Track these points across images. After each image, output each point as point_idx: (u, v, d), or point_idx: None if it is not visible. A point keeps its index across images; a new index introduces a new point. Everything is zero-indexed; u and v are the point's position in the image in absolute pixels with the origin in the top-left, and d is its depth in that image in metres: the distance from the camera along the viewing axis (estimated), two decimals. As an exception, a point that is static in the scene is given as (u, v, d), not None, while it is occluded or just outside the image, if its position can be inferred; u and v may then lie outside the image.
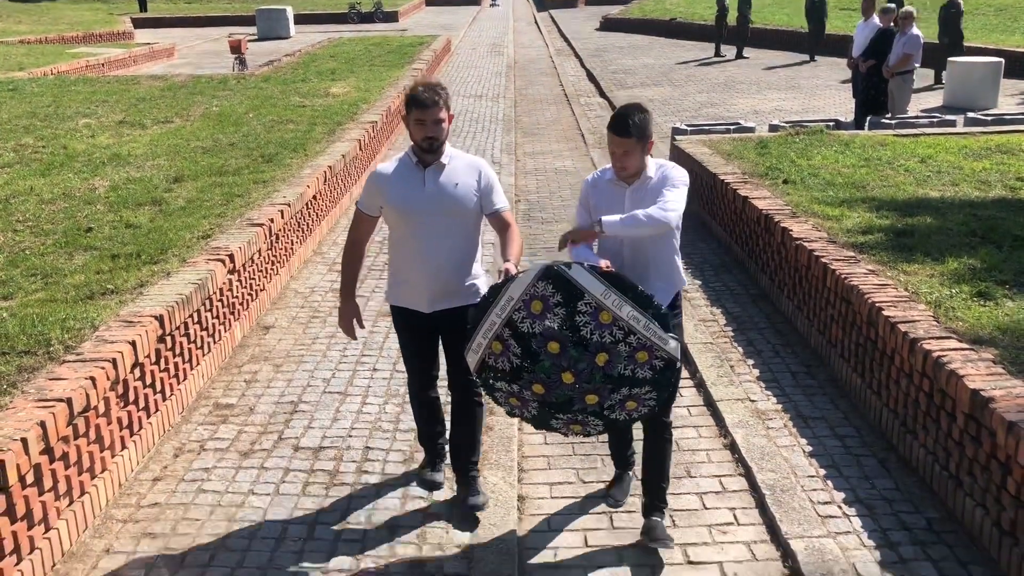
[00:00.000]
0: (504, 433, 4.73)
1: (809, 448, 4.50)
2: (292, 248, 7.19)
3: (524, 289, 3.36)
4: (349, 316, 4.02)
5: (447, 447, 4.16)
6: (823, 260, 5.40)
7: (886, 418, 4.54)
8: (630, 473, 4.17)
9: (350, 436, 4.65)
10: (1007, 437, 3.42)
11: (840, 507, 4.01)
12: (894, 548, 3.70)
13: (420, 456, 4.39)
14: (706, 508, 4.13)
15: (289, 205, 7.00)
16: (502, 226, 3.82)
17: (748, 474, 4.34)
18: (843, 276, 5.09)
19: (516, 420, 4.90)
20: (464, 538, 3.82)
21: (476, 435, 4.06)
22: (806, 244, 5.72)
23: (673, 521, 4.00)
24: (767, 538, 3.89)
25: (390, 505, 4.05)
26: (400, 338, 4.06)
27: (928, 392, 4.09)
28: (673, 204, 3.52)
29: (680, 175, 3.65)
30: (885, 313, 4.53)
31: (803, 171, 7.75)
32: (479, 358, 3.50)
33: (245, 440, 4.65)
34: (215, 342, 5.44)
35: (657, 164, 3.68)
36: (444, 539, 3.82)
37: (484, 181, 3.79)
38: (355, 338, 4.16)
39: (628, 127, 3.50)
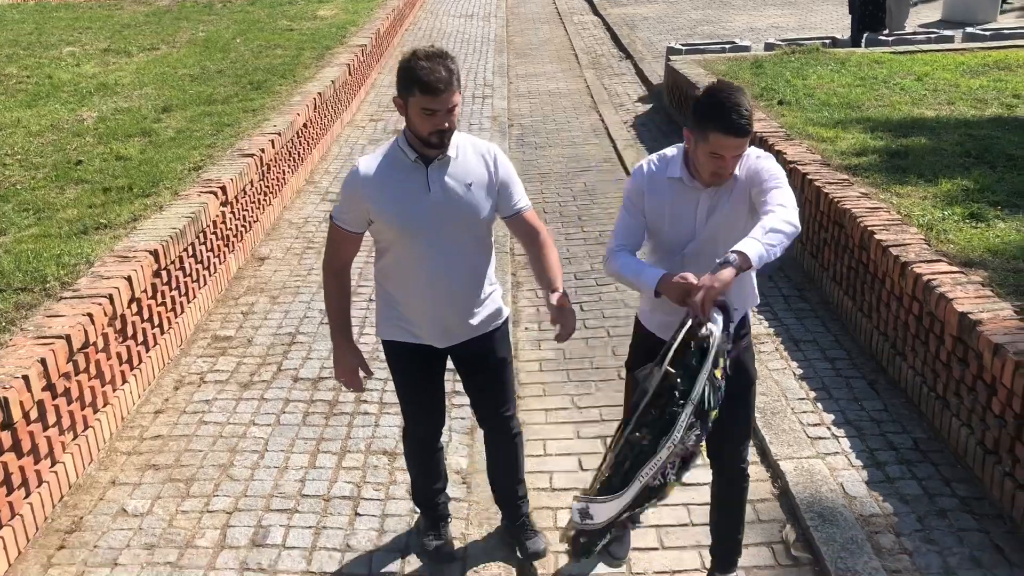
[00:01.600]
0: (500, 361, 4.79)
1: (800, 371, 4.58)
2: (284, 178, 7.15)
3: (720, 343, 2.46)
4: (351, 364, 3.10)
5: (448, 505, 3.48)
6: (816, 183, 5.40)
7: (876, 340, 4.60)
8: (631, 528, 3.32)
9: (348, 366, 4.71)
10: (993, 359, 3.48)
11: (829, 428, 4.09)
12: (881, 467, 3.80)
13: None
14: (698, 431, 4.22)
15: (280, 134, 6.94)
16: (529, 233, 2.99)
17: (740, 397, 4.42)
18: (836, 200, 5.10)
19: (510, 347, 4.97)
20: (463, 464, 3.91)
21: (522, 471, 3.41)
22: (800, 167, 5.70)
23: (666, 444, 4.09)
24: (757, 460, 3.99)
25: (388, 433, 4.13)
26: (401, 379, 3.19)
27: (918, 315, 4.15)
28: (790, 200, 2.59)
29: (775, 166, 2.70)
30: (877, 237, 4.55)
31: (798, 91, 7.67)
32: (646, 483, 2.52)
33: (244, 372, 4.71)
34: (211, 275, 5.46)
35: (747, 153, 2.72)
36: (442, 465, 3.90)
37: (500, 174, 2.91)
38: (361, 390, 3.24)
39: (747, 123, 2.53)
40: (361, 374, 3.15)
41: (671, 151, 2.83)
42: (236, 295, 5.63)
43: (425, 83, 2.64)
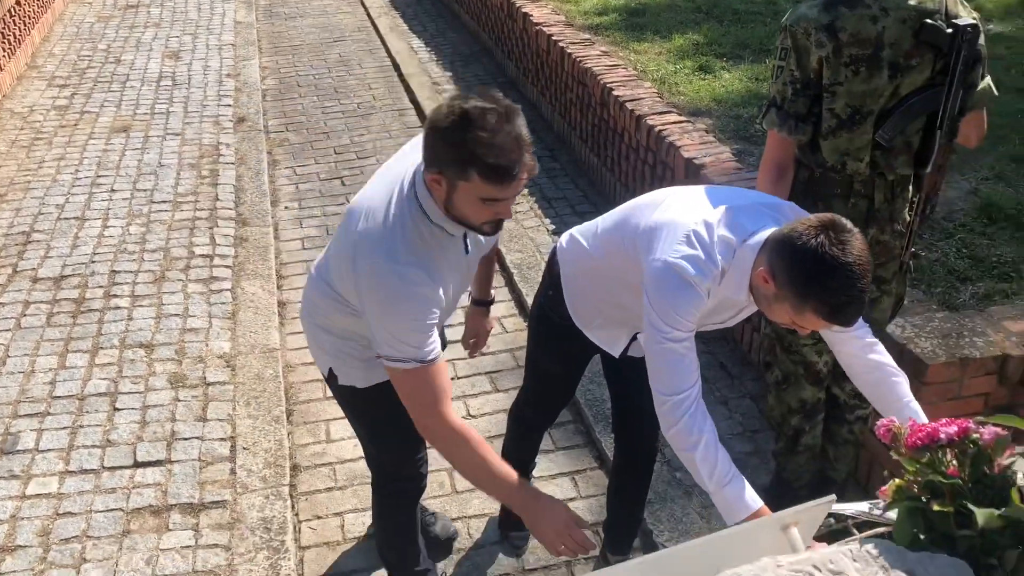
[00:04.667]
0: (260, 242, 4.70)
1: (552, 227, 4.81)
2: None
3: None
4: (564, 516, 1.97)
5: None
6: (560, 44, 5.54)
7: (619, 192, 4.90)
8: None
9: (93, 262, 4.45)
10: (714, 199, 3.82)
11: (579, 277, 4.36)
12: (624, 307, 4.12)
13: (176, 275, 4.29)
14: (460, 292, 4.37)
15: (-13, 14, 6.21)
16: (492, 248, 2.47)
17: (498, 256, 4.59)
18: (578, 59, 5.27)
19: (271, 227, 4.88)
20: (225, 348, 3.87)
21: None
22: (545, 29, 5.81)
23: (430, 307, 4.21)
24: (516, 312, 4.21)
25: (144, 326, 3.99)
26: (392, 413, 2.17)
27: (652, 164, 4.44)
28: None
29: None
30: (615, 93, 4.77)
31: (545, -47, 7.72)
32: None
33: (-25, 277, 4.35)
34: (-79, 176, 4.92)
35: None
36: (203, 351, 3.84)
37: None
38: (592, 546, 2.01)
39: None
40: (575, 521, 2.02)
41: (705, 258, 1.89)
42: (-44, 196, 5.11)
43: (494, 168, 1.78)
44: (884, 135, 2.25)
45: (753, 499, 1.85)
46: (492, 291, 2.68)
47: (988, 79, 2.28)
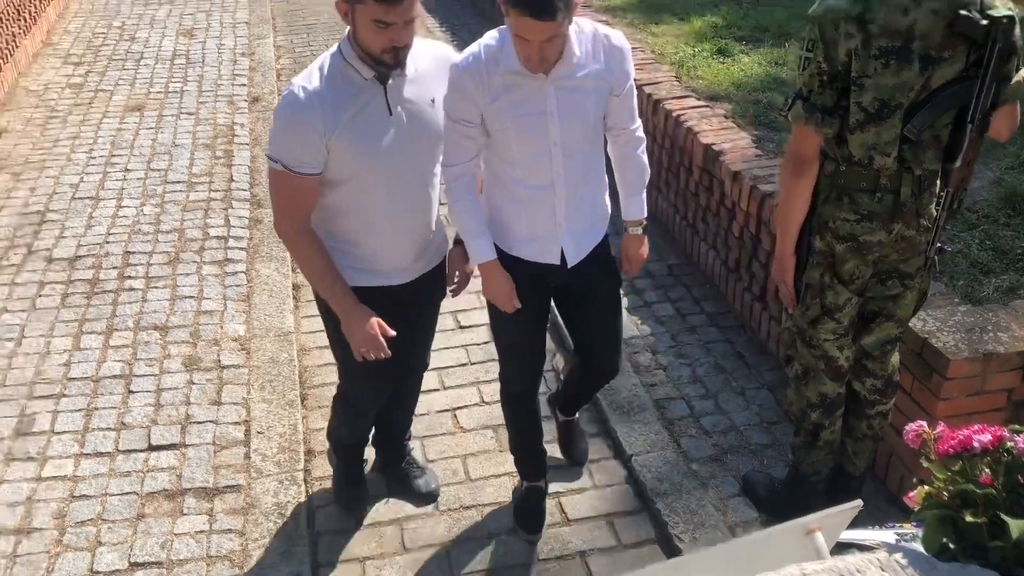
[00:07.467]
0: (274, 224, 4.68)
1: (568, 211, 4.77)
2: (15, 41, 6.42)
3: None
4: (369, 326, 2.32)
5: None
6: (578, 26, 5.47)
7: (636, 177, 4.85)
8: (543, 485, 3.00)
9: (107, 243, 4.45)
10: (732, 185, 3.78)
11: (595, 263, 4.33)
12: (639, 294, 4.09)
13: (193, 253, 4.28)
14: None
15: (2, -10, 6.18)
16: None
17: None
18: (596, 41, 5.21)
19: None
20: (240, 331, 3.86)
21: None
22: (563, 10, 5.74)
23: (444, 292, 4.19)
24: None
25: (158, 308, 3.98)
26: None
27: (669, 150, 4.39)
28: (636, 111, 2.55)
29: (628, 56, 2.39)
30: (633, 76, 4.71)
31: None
32: None
33: (-10, 257, 4.35)
34: (-64, 154, 4.91)
35: (587, 32, 2.30)
36: (219, 334, 3.84)
37: None
38: (388, 353, 2.36)
39: (552, 6, 2.05)
40: (380, 333, 2.34)
41: (492, 39, 2.25)
42: (-29, 174, 5.11)
43: None
44: (913, 129, 2.20)
45: (487, 254, 2.39)
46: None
47: (1023, 72, 2.23)
